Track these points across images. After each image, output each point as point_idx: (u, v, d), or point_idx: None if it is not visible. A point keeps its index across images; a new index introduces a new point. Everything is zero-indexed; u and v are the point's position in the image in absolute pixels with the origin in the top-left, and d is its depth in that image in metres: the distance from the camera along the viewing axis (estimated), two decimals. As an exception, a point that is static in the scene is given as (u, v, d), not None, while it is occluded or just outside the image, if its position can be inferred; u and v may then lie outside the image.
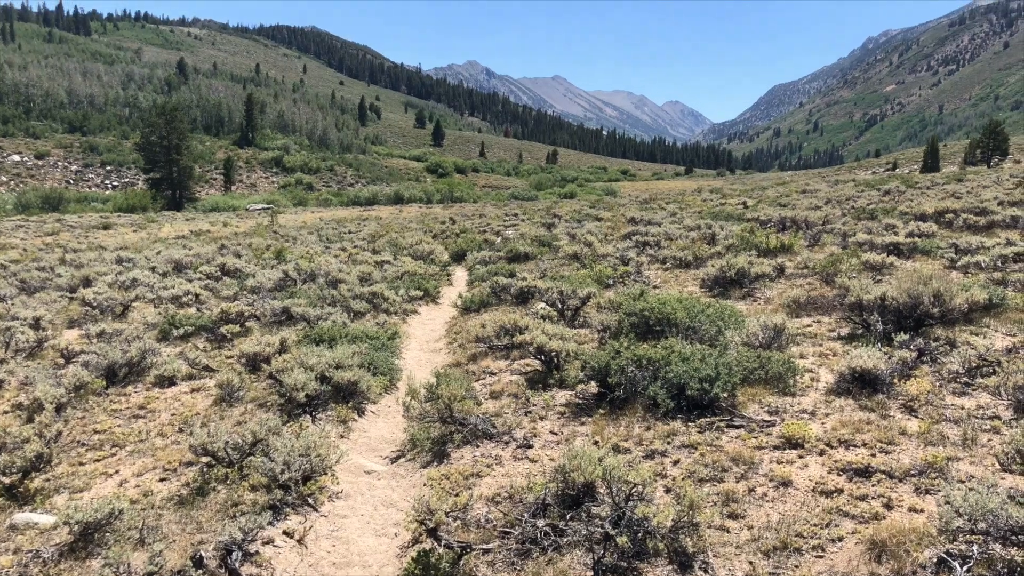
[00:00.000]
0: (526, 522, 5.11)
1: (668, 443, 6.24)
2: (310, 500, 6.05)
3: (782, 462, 5.69)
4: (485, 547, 5.03)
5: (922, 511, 4.81)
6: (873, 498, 5.03)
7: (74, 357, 10.82)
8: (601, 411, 7.19)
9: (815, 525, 4.79)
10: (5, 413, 8.78)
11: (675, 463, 5.91)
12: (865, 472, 5.37)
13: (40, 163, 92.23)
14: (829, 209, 24.75)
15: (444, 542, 4.99)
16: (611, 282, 14.50)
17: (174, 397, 9.21)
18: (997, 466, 5.24)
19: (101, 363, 9.77)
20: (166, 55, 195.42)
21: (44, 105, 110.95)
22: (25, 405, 8.65)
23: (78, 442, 7.88)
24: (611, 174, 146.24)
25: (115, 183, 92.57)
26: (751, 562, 4.54)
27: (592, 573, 4.59)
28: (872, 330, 8.55)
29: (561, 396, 8.00)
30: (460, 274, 20.95)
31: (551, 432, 7.03)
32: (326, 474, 6.34)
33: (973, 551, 4.19)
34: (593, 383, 7.67)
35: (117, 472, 7.05)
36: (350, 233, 34.77)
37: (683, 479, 5.56)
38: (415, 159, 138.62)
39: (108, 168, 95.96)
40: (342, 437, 7.74)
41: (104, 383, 9.51)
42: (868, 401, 6.64)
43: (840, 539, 4.62)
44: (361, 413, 8.51)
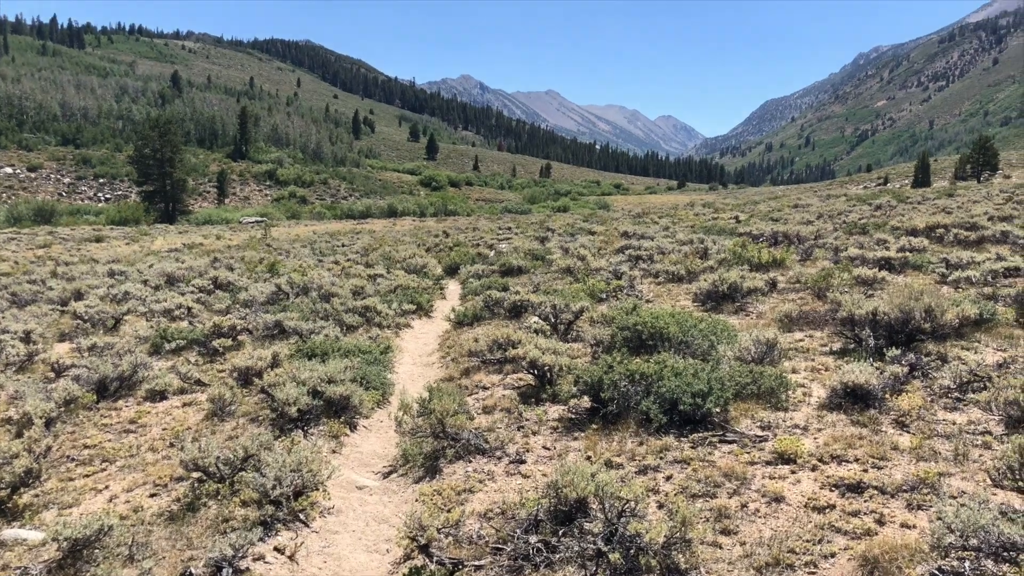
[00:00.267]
0: (518, 538, 5.09)
1: (661, 458, 6.23)
2: (301, 516, 6.02)
3: (775, 477, 5.69)
4: (477, 564, 5.01)
5: (914, 527, 4.81)
6: (865, 514, 5.03)
7: (65, 371, 10.76)
8: (594, 426, 7.18)
9: (808, 541, 4.78)
10: (-6, 428, 8.72)
11: (668, 478, 5.90)
12: (857, 488, 5.37)
13: (33, 176, 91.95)
14: (821, 224, 24.88)
15: (436, 559, 4.97)
16: (604, 296, 14.52)
17: (165, 411, 9.16)
18: (988, 482, 5.25)
19: (92, 377, 9.71)
20: (160, 68, 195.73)
21: (37, 118, 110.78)
22: (14, 420, 8.58)
23: (68, 457, 7.83)
24: (604, 188, 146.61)
25: (108, 196, 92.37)
26: (744, 578, 4.53)
27: (584, 590, 4.58)
28: (864, 345, 8.58)
29: (554, 411, 7.99)
30: (453, 288, 20.94)
31: (544, 447, 7.02)
32: (318, 489, 6.31)
33: (965, 567, 4.19)
34: (586, 398, 7.66)
35: (107, 487, 7.00)
36: (343, 246, 34.75)
37: (676, 495, 5.55)
38: (409, 172, 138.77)
39: (101, 181, 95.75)
40: (334, 452, 7.70)
41: (95, 397, 9.46)
42: (860, 416, 6.65)
43: (832, 555, 4.62)
44: (353, 428, 8.48)
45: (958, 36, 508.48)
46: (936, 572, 4.21)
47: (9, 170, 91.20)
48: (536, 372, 8.85)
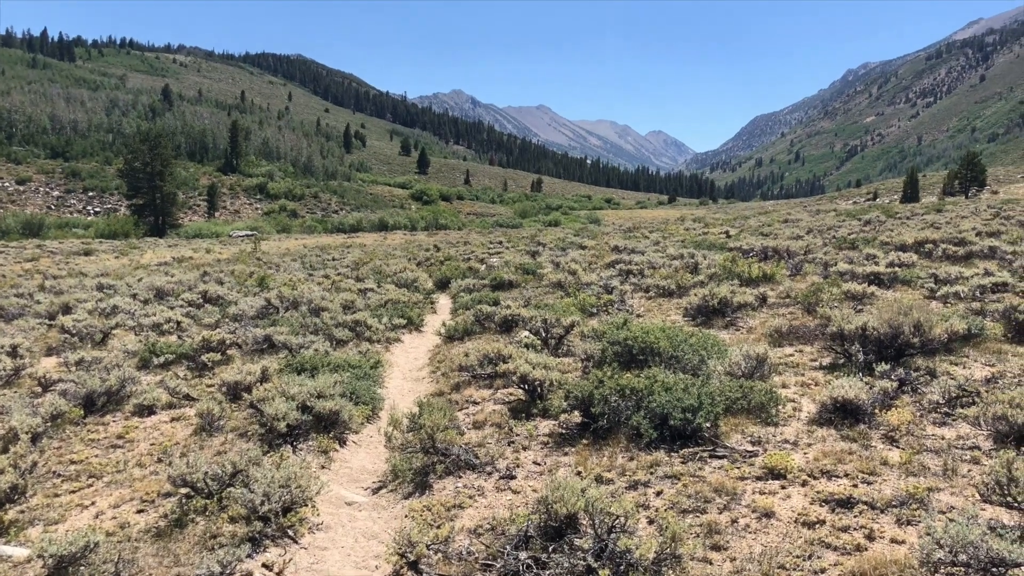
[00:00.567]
0: (508, 554, 5.06)
1: (651, 473, 6.22)
2: (290, 532, 5.98)
3: (765, 493, 5.69)
4: (467, 580, 4.98)
5: (904, 542, 4.81)
6: (855, 529, 5.03)
7: (52, 385, 10.68)
8: (584, 441, 7.17)
9: (798, 557, 4.78)
10: (-21, 443, 8.63)
11: (658, 494, 5.89)
12: (847, 503, 5.37)
13: (21, 189, 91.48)
14: (811, 239, 25.02)
15: (425, 575, 4.93)
16: (595, 311, 14.53)
17: (153, 426, 9.10)
18: (977, 497, 5.26)
19: (79, 392, 9.64)
20: (151, 82, 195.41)
21: (26, 130, 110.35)
22: (0, 435, 8.50)
23: (54, 473, 7.75)
24: (595, 203, 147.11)
25: (97, 209, 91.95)
26: (734, 595, 4.52)
27: (575, 607, 4.55)
28: (854, 360, 8.61)
29: (544, 426, 7.97)
30: (444, 302, 20.92)
31: (534, 462, 7.00)
32: (307, 505, 6.27)
33: (955, 583, 4.19)
34: (576, 413, 7.65)
35: (93, 503, 6.94)
36: (334, 260, 34.68)
37: (666, 510, 5.54)
38: (400, 186, 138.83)
39: (90, 194, 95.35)
40: (323, 468, 7.66)
41: (82, 412, 9.39)
42: (850, 431, 6.66)
43: (823, 571, 4.61)
44: (343, 443, 8.44)
45: (945, 53, 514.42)
46: (926, 588, 4.20)
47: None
48: (527, 387, 8.84)
